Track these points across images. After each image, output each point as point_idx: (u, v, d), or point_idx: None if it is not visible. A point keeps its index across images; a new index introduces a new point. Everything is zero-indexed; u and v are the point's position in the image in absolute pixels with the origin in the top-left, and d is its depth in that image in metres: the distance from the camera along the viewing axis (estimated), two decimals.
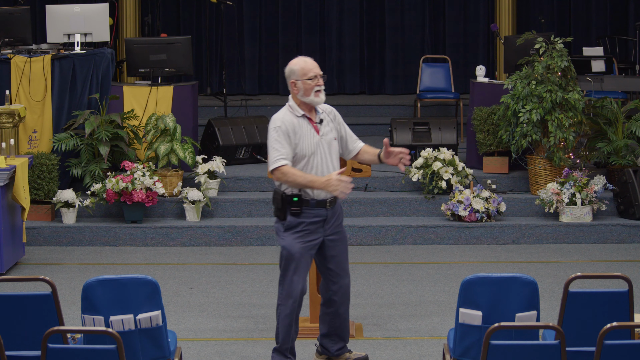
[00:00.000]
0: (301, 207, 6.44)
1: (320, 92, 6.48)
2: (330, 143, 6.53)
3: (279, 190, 6.46)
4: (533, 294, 5.59)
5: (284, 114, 6.46)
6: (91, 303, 5.54)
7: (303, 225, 6.46)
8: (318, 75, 6.48)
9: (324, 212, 6.51)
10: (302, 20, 15.31)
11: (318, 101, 6.48)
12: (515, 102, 10.54)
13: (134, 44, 11.27)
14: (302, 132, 6.43)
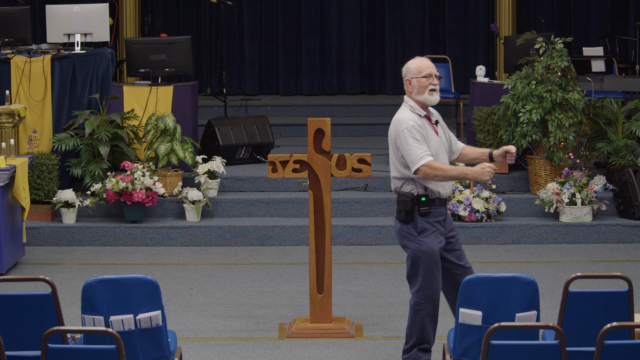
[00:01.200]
0: (429, 207, 6.42)
1: (434, 92, 6.50)
2: (445, 145, 6.56)
3: (405, 192, 6.43)
4: (533, 294, 5.59)
5: (409, 114, 6.46)
6: (91, 303, 5.54)
7: (433, 225, 6.45)
8: (433, 75, 6.50)
9: (444, 210, 6.53)
10: (302, 20, 15.31)
11: (431, 100, 6.49)
12: (515, 102, 10.54)
13: (134, 44, 11.27)
14: (427, 133, 6.46)
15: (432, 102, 6.50)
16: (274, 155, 7.53)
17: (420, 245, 6.42)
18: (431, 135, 6.46)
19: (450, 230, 6.57)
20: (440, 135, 6.53)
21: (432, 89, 6.49)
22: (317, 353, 7.16)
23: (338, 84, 15.32)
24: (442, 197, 6.47)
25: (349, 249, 10.11)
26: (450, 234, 6.56)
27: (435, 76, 6.53)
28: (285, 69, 15.32)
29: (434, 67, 6.57)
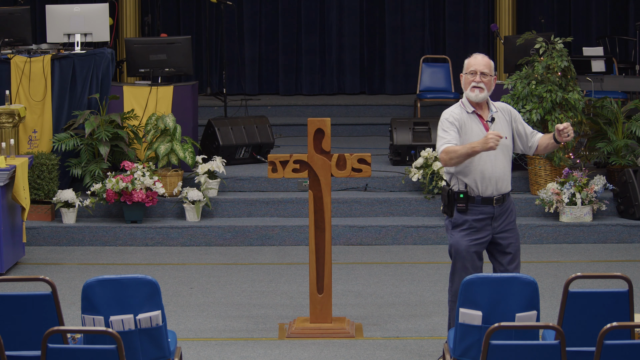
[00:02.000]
0: (467, 204, 6.51)
1: (475, 89, 6.52)
2: (503, 142, 6.52)
3: (446, 187, 6.60)
4: (533, 294, 5.59)
5: (455, 108, 6.60)
6: (91, 303, 5.54)
7: (469, 222, 6.53)
8: (477, 72, 6.52)
9: (490, 209, 6.54)
10: (302, 20, 15.31)
11: (471, 96, 6.53)
12: (515, 102, 10.54)
13: (134, 44, 11.27)
14: (471, 128, 6.54)
15: (472, 98, 6.56)
16: (274, 155, 7.54)
17: (450, 239, 6.63)
18: (475, 131, 6.53)
19: (503, 232, 6.59)
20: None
21: (474, 86, 6.53)
22: (317, 353, 7.16)
23: (338, 84, 15.32)
24: (484, 195, 6.52)
25: (349, 249, 10.11)
26: (501, 235, 6.59)
27: (481, 73, 6.53)
28: (285, 69, 15.32)
29: (482, 65, 6.56)
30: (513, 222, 6.67)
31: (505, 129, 6.61)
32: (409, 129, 11.43)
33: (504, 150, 6.57)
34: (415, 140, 11.37)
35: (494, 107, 6.62)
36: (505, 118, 6.63)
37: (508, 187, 6.62)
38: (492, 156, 6.52)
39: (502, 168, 6.57)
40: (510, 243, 6.64)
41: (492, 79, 6.58)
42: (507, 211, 6.63)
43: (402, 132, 11.41)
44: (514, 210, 6.68)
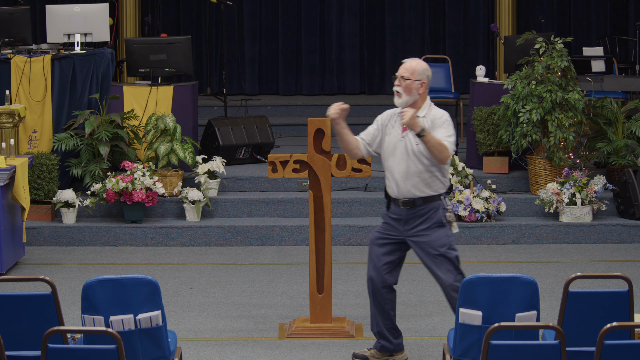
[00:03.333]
0: (388, 201, 6.73)
1: (395, 93, 6.61)
2: (410, 147, 6.56)
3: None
4: (533, 294, 5.59)
5: (394, 109, 6.73)
6: (91, 303, 5.54)
7: (384, 218, 6.75)
8: (398, 76, 6.60)
9: (399, 211, 6.65)
10: (302, 21, 15.31)
11: (394, 101, 6.61)
12: (515, 102, 10.54)
13: (134, 44, 11.27)
14: (390, 129, 6.68)
15: (395, 103, 6.64)
16: (274, 155, 7.54)
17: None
18: (392, 132, 6.66)
19: (413, 237, 6.64)
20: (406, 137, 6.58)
21: (394, 91, 6.64)
22: (317, 353, 7.16)
23: (338, 84, 15.32)
24: (392, 196, 6.68)
25: (349, 249, 10.11)
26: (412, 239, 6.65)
27: (400, 77, 6.60)
28: (285, 69, 15.32)
29: (403, 69, 6.62)
30: (429, 228, 6.63)
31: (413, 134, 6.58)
32: None
33: (411, 155, 6.58)
34: None
35: (424, 112, 6.59)
36: (427, 125, 6.54)
37: (416, 192, 6.58)
38: (397, 159, 6.60)
39: (406, 172, 6.58)
40: (425, 250, 6.65)
41: (414, 83, 6.54)
42: (421, 217, 6.61)
43: None
44: (434, 219, 6.61)
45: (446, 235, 6.63)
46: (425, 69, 6.60)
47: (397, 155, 6.61)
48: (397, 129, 6.65)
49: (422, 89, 6.59)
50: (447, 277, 6.63)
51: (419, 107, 6.59)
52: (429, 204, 6.60)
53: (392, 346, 6.88)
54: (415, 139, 6.52)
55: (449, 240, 6.64)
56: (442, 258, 6.64)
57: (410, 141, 6.57)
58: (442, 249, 6.62)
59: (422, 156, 6.56)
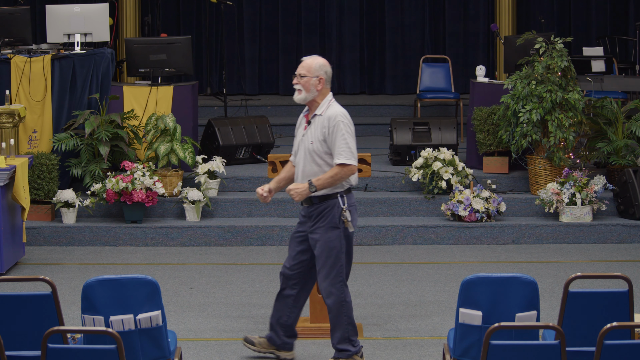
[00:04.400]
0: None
1: (295, 91, 6.66)
2: (307, 146, 6.63)
3: None
4: (533, 294, 5.59)
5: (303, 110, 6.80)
6: (91, 303, 5.54)
7: (300, 214, 6.82)
8: (297, 75, 6.65)
9: (302, 207, 6.75)
10: (302, 20, 15.31)
11: (294, 98, 6.67)
12: (515, 102, 10.55)
13: (134, 44, 11.27)
14: (298, 129, 6.78)
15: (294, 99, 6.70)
16: (274, 155, 7.54)
17: None
18: (298, 132, 6.77)
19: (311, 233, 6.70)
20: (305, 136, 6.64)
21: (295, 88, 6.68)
22: (317, 353, 7.15)
23: (338, 84, 15.32)
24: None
25: None
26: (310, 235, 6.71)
27: (298, 75, 6.64)
28: (285, 69, 15.32)
29: (300, 66, 6.66)
30: (323, 227, 6.65)
31: (316, 134, 6.60)
32: (409, 129, 11.44)
33: (307, 154, 6.62)
34: (415, 140, 11.38)
35: (322, 111, 6.62)
36: (323, 124, 6.58)
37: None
38: (300, 158, 6.66)
39: (303, 171, 6.64)
40: (315, 246, 6.70)
41: (311, 79, 6.57)
42: (318, 216, 6.64)
43: (402, 132, 11.42)
44: (328, 218, 6.62)
45: (338, 237, 6.64)
46: (322, 65, 6.62)
47: (301, 154, 6.68)
48: (301, 129, 6.74)
49: (320, 85, 6.61)
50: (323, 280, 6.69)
51: (318, 104, 6.63)
52: (325, 202, 6.62)
53: (279, 341, 6.95)
54: (310, 137, 6.61)
55: (339, 243, 6.65)
56: (326, 260, 6.67)
57: (307, 140, 6.65)
58: (333, 252, 6.65)
59: (316, 155, 6.61)
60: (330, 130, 6.55)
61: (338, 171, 6.51)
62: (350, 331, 6.69)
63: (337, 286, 6.68)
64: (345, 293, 6.74)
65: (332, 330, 6.73)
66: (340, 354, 6.71)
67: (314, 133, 6.60)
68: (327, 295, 6.69)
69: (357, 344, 6.73)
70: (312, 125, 6.62)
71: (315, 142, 6.57)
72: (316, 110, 6.62)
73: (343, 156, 6.51)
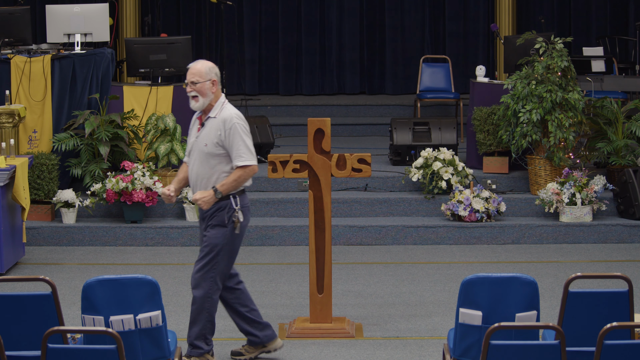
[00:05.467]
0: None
1: (191, 99, 6.65)
2: (200, 148, 6.65)
3: None
4: (533, 294, 5.59)
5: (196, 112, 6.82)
6: (91, 303, 5.54)
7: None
8: (188, 82, 6.65)
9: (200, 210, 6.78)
10: (302, 20, 15.31)
11: (191, 106, 6.67)
12: (515, 102, 10.55)
13: (134, 44, 11.27)
14: (192, 131, 6.80)
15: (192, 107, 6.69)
16: (274, 155, 7.55)
17: None
18: (191, 134, 6.78)
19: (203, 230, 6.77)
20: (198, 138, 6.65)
21: (190, 97, 6.67)
22: (317, 353, 7.15)
23: (338, 84, 15.32)
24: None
25: (349, 249, 10.10)
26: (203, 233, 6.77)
27: (190, 83, 6.65)
28: (285, 69, 15.32)
29: (190, 74, 6.67)
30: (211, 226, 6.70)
31: (210, 137, 6.62)
32: (409, 129, 11.44)
33: (201, 156, 6.64)
34: (415, 140, 11.38)
35: (215, 113, 6.65)
36: (217, 126, 6.62)
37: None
38: (193, 160, 6.68)
39: (196, 173, 6.66)
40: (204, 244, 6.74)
41: (205, 84, 6.59)
42: (211, 216, 6.69)
43: (402, 132, 11.42)
44: (219, 218, 6.67)
45: (223, 235, 6.69)
46: (211, 67, 6.67)
47: (195, 156, 6.69)
48: (194, 131, 6.75)
49: (214, 88, 6.66)
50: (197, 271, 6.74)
51: (212, 106, 6.66)
52: (218, 203, 6.66)
53: (259, 339, 6.96)
54: (204, 140, 6.62)
55: (222, 241, 6.69)
56: (206, 254, 6.73)
57: (200, 142, 6.66)
58: (215, 248, 6.70)
59: (210, 157, 6.64)
60: (227, 133, 6.61)
61: (241, 173, 6.62)
62: (208, 329, 6.73)
63: (208, 281, 6.72)
64: (214, 290, 6.73)
65: (191, 324, 6.74)
66: (193, 350, 6.72)
67: (207, 135, 6.63)
68: (195, 285, 6.73)
69: (210, 342, 6.78)
70: (206, 128, 6.65)
71: (209, 145, 6.62)
72: (210, 112, 6.66)
73: (244, 158, 6.62)
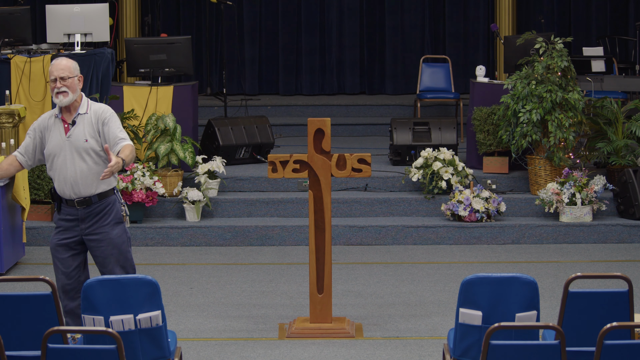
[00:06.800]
0: (59, 203, 6.66)
1: (59, 94, 6.57)
2: (78, 145, 6.59)
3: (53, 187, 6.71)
4: (533, 294, 5.59)
5: (46, 113, 6.73)
6: (91, 303, 5.54)
7: (60, 221, 6.68)
8: (57, 78, 6.57)
9: (74, 211, 6.62)
10: (302, 20, 15.31)
11: (58, 102, 6.59)
12: (515, 102, 10.54)
13: (134, 44, 11.27)
14: (52, 133, 6.63)
15: (60, 103, 6.60)
16: (274, 155, 7.54)
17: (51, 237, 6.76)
18: (54, 135, 6.60)
19: (91, 234, 6.63)
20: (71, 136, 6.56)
21: (57, 92, 6.58)
22: (317, 353, 7.16)
23: (338, 84, 15.32)
24: (64, 197, 6.60)
25: (349, 249, 10.11)
26: (89, 237, 6.64)
27: (60, 78, 6.57)
28: (285, 69, 15.32)
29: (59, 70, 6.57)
30: (109, 225, 6.66)
31: (87, 132, 6.59)
32: (409, 129, 11.44)
33: (82, 153, 6.58)
34: (415, 140, 11.38)
35: (85, 109, 6.63)
36: (91, 121, 6.60)
37: (92, 190, 6.59)
38: (68, 160, 6.57)
39: (81, 171, 6.57)
40: (99, 247, 6.65)
41: (74, 79, 6.59)
42: (99, 214, 6.63)
43: (402, 132, 11.42)
44: (112, 214, 6.66)
45: (124, 232, 6.73)
46: (76, 64, 6.68)
47: (66, 156, 6.59)
48: (58, 130, 6.63)
49: (80, 84, 6.67)
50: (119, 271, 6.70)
51: (79, 104, 6.63)
52: (105, 199, 6.64)
53: None
54: (81, 136, 6.58)
55: (125, 237, 6.72)
56: (118, 257, 6.69)
57: (78, 139, 6.59)
58: (123, 246, 6.69)
59: (92, 153, 6.61)
60: (104, 122, 6.60)
61: (132, 148, 6.58)
62: None
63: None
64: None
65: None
66: None
67: (83, 131, 6.58)
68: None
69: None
70: (78, 125, 6.59)
71: (89, 140, 6.58)
72: (79, 109, 6.62)
73: (127, 138, 6.62)
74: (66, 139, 6.59)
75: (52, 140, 6.62)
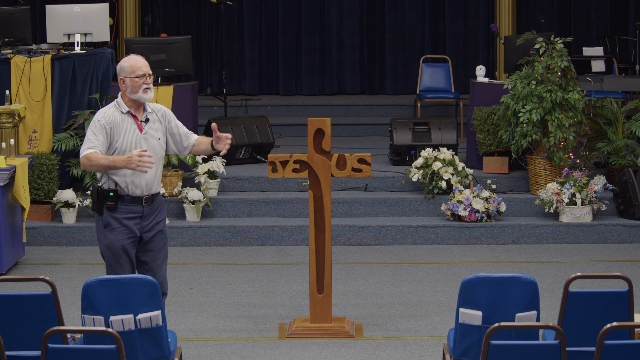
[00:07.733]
0: (116, 202, 6.54)
1: (148, 90, 6.58)
2: (153, 142, 6.62)
3: (96, 184, 6.59)
4: (533, 294, 5.59)
5: (109, 109, 6.66)
6: (91, 303, 5.54)
7: (120, 221, 6.57)
8: (147, 74, 6.59)
9: (137, 208, 6.60)
10: (302, 20, 15.31)
11: (145, 97, 6.58)
12: (515, 102, 10.55)
13: (134, 44, 11.27)
14: (125, 129, 6.58)
15: (146, 99, 6.61)
16: (274, 155, 7.54)
17: (104, 239, 6.60)
18: (129, 131, 6.56)
19: (150, 231, 6.66)
20: (147, 133, 6.58)
21: (146, 88, 6.59)
22: (317, 353, 7.16)
23: (338, 84, 15.32)
24: (134, 195, 6.56)
25: (349, 249, 10.11)
26: (148, 234, 6.66)
27: (149, 75, 6.61)
28: (285, 69, 15.32)
29: (147, 67, 6.63)
30: (162, 221, 6.76)
31: (159, 130, 6.65)
32: (409, 129, 11.44)
33: (157, 152, 6.62)
34: (415, 140, 11.38)
35: (149, 107, 6.66)
36: (159, 119, 6.66)
37: (159, 187, 6.68)
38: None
39: (155, 168, 6.59)
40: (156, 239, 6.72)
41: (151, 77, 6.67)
42: (157, 209, 6.70)
43: (402, 132, 11.42)
44: (164, 210, 6.78)
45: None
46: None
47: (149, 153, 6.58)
48: (131, 127, 6.60)
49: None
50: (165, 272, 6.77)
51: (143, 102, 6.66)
52: (159, 196, 6.75)
53: None
54: (154, 134, 6.62)
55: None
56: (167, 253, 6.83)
57: (152, 137, 6.62)
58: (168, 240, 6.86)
59: (163, 150, 6.71)
60: (170, 119, 6.72)
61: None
62: None
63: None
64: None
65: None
66: None
67: (155, 130, 6.63)
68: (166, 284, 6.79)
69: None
70: (150, 123, 6.62)
71: (162, 138, 6.66)
72: (146, 107, 6.65)
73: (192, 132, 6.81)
74: (142, 136, 6.59)
75: (127, 136, 6.55)
